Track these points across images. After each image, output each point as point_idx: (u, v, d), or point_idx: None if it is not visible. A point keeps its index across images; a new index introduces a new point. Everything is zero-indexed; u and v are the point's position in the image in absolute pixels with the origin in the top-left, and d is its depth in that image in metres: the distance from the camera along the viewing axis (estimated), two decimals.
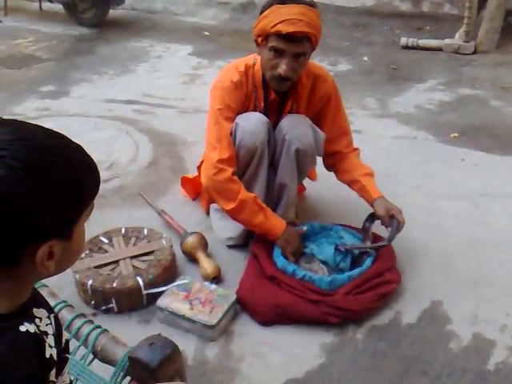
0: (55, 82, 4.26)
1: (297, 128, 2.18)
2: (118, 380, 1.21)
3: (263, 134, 2.16)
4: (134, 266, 2.15)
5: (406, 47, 5.06)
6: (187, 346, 1.91)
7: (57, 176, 0.81)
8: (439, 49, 5.03)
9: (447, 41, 5.04)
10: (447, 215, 2.64)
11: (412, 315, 2.06)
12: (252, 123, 2.14)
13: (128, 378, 1.22)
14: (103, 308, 2.05)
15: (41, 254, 0.82)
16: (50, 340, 0.92)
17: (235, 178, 2.15)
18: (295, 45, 2.00)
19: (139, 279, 2.07)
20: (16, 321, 0.87)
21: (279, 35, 1.98)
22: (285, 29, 1.96)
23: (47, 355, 0.89)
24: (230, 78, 2.17)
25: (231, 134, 2.17)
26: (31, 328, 0.88)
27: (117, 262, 2.17)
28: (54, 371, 0.90)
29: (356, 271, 2.10)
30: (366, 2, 5.98)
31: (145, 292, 2.06)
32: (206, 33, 5.45)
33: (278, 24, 1.97)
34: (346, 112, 2.39)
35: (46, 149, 0.81)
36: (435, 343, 1.93)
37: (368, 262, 2.14)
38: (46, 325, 0.93)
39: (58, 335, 0.95)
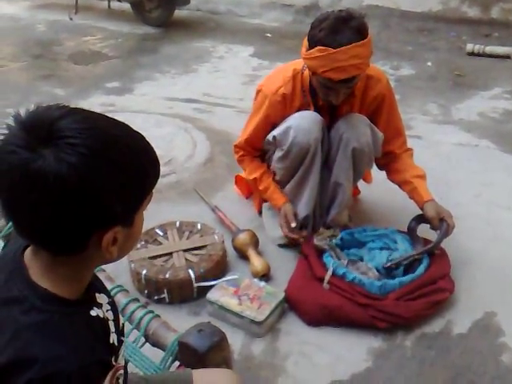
0: (120, 79, 4.40)
1: (355, 127, 2.16)
2: (167, 364, 1.25)
3: (317, 133, 2.16)
4: (186, 259, 2.20)
5: (472, 54, 4.92)
6: (234, 340, 1.93)
7: (123, 163, 0.83)
8: (507, 56, 4.86)
9: None
10: (506, 225, 2.56)
11: (464, 325, 2.01)
12: (306, 121, 2.14)
13: (177, 363, 1.26)
14: (155, 298, 2.10)
15: (106, 239, 0.85)
16: (111, 325, 0.95)
17: (242, 158, 2.45)
18: (347, 84, 2.02)
19: (191, 272, 2.11)
20: (85, 306, 0.91)
21: (330, 79, 1.98)
22: (336, 76, 1.96)
23: (111, 340, 0.93)
24: (274, 86, 2.19)
25: (276, 138, 2.21)
26: (100, 313, 0.92)
27: (170, 254, 2.23)
28: (114, 357, 0.93)
29: (408, 277, 2.07)
30: (433, 7, 5.85)
31: (195, 285, 2.11)
32: (268, 34, 5.48)
33: (328, 71, 1.94)
34: (400, 113, 2.36)
35: (113, 137, 0.84)
36: (486, 355, 1.88)
37: (421, 268, 2.10)
38: (107, 311, 0.97)
39: (116, 320, 0.99)
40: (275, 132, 2.20)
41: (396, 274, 2.13)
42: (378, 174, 2.49)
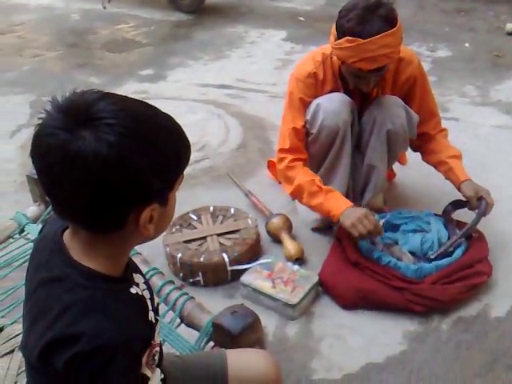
0: (153, 66, 4.42)
1: (389, 108, 2.13)
2: (202, 344, 1.27)
3: (346, 115, 2.13)
4: (220, 243, 2.22)
5: None
6: (268, 322, 1.94)
7: (158, 142, 0.86)
8: None
9: None
10: None
11: (502, 309, 1.98)
12: (335, 103, 2.12)
13: (211, 344, 1.27)
14: (190, 280, 2.13)
15: (144, 216, 0.88)
16: (148, 303, 0.98)
17: (293, 164, 2.19)
18: (377, 73, 1.99)
19: (225, 255, 2.13)
20: (126, 283, 0.94)
21: (360, 69, 1.96)
22: (367, 67, 1.93)
23: (149, 318, 0.96)
24: (306, 68, 2.16)
25: (307, 121, 2.17)
26: (139, 291, 0.95)
27: (204, 238, 2.25)
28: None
29: (445, 261, 2.04)
30: None
31: (229, 268, 2.12)
32: (301, 18, 5.43)
33: (359, 61, 1.92)
34: (433, 93, 2.31)
35: (147, 118, 0.88)
36: None
37: (458, 252, 2.07)
38: (143, 290, 0.99)
39: (152, 299, 1.02)
40: (306, 115, 2.19)
41: (432, 256, 2.10)
42: (413, 156, 2.45)
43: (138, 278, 1.00)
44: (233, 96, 3.81)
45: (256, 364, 1.20)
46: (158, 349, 0.98)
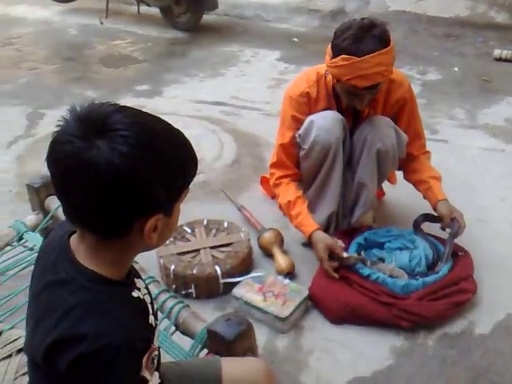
0: (150, 82, 4.49)
1: (379, 129, 2.20)
2: (196, 351, 1.30)
3: (338, 132, 2.20)
4: (213, 256, 2.26)
5: (500, 59, 4.89)
6: (259, 335, 1.94)
7: (167, 155, 0.91)
8: None
9: None
10: None
11: (486, 326, 2.03)
12: (328, 120, 2.18)
13: (205, 351, 1.31)
14: (183, 292, 2.17)
15: (149, 226, 0.92)
16: (149, 307, 1.02)
17: (279, 181, 2.33)
18: (371, 91, 2.06)
19: (217, 268, 2.17)
20: (128, 287, 0.98)
21: (355, 86, 2.02)
22: (361, 84, 2.00)
23: (150, 321, 1.00)
24: (299, 88, 2.24)
25: (300, 136, 2.24)
26: (140, 295, 0.99)
27: (198, 250, 2.29)
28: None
29: (431, 278, 2.09)
30: (460, 13, 5.84)
31: (222, 280, 2.16)
32: (295, 39, 5.53)
33: (353, 79, 1.99)
34: (420, 116, 2.40)
35: (159, 131, 0.93)
36: (508, 356, 1.90)
37: (444, 269, 2.13)
38: (144, 294, 1.03)
39: (152, 304, 1.05)
40: (299, 130, 2.25)
41: (420, 272, 2.15)
42: (402, 177, 2.51)
43: (139, 283, 1.04)
44: (227, 113, 3.88)
45: (251, 372, 1.24)
46: (156, 352, 1.01)
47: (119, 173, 0.86)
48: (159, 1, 5.60)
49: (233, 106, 4.00)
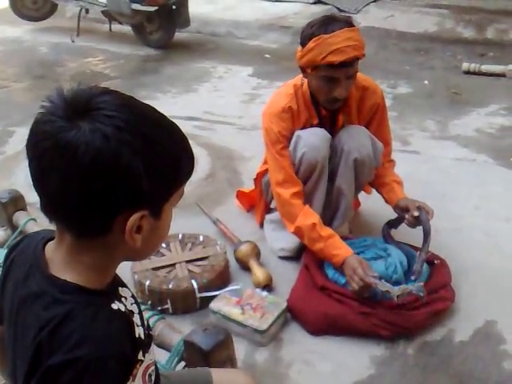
0: None
1: (355, 138, 2.21)
2: (173, 364, 1.26)
3: (325, 150, 2.21)
4: (189, 270, 2.22)
5: (468, 72, 4.99)
6: (238, 349, 1.91)
7: (158, 145, 0.83)
8: (502, 74, 4.93)
9: (511, 66, 4.95)
10: (505, 237, 2.58)
11: (465, 333, 2.03)
12: (315, 138, 2.19)
13: (182, 364, 1.27)
14: (159, 308, 2.11)
15: (131, 222, 0.83)
16: (137, 319, 0.93)
17: (293, 201, 2.19)
18: (347, 69, 2.06)
19: (194, 282, 2.13)
20: (108, 298, 0.89)
21: (331, 65, 2.03)
22: (336, 59, 2.01)
23: (136, 335, 0.90)
24: (279, 104, 2.22)
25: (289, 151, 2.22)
26: (122, 307, 0.90)
27: (173, 265, 2.25)
28: (141, 351, 0.91)
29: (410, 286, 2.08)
30: (429, 28, 5.96)
31: (198, 295, 2.12)
32: (267, 55, 5.56)
33: (327, 55, 2.01)
34: (390, 125, 2.43)
35: (152, 119, 0.86)
36: (488, 362, 1.90)
37: (422, 278, 2.12)
38: (131, 304, 0.95)
39: (140, 313, 0.97)
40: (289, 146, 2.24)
41: (397, 279, 2.13)
42: None
43: (124, 291, 0.95)
44: (201, 128, 3.86)
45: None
46: (153, 368, 0.95)
47: (99, 156, 0.77)
48: (131, 18, 5.57)
49: (206, 120, 3.99)
